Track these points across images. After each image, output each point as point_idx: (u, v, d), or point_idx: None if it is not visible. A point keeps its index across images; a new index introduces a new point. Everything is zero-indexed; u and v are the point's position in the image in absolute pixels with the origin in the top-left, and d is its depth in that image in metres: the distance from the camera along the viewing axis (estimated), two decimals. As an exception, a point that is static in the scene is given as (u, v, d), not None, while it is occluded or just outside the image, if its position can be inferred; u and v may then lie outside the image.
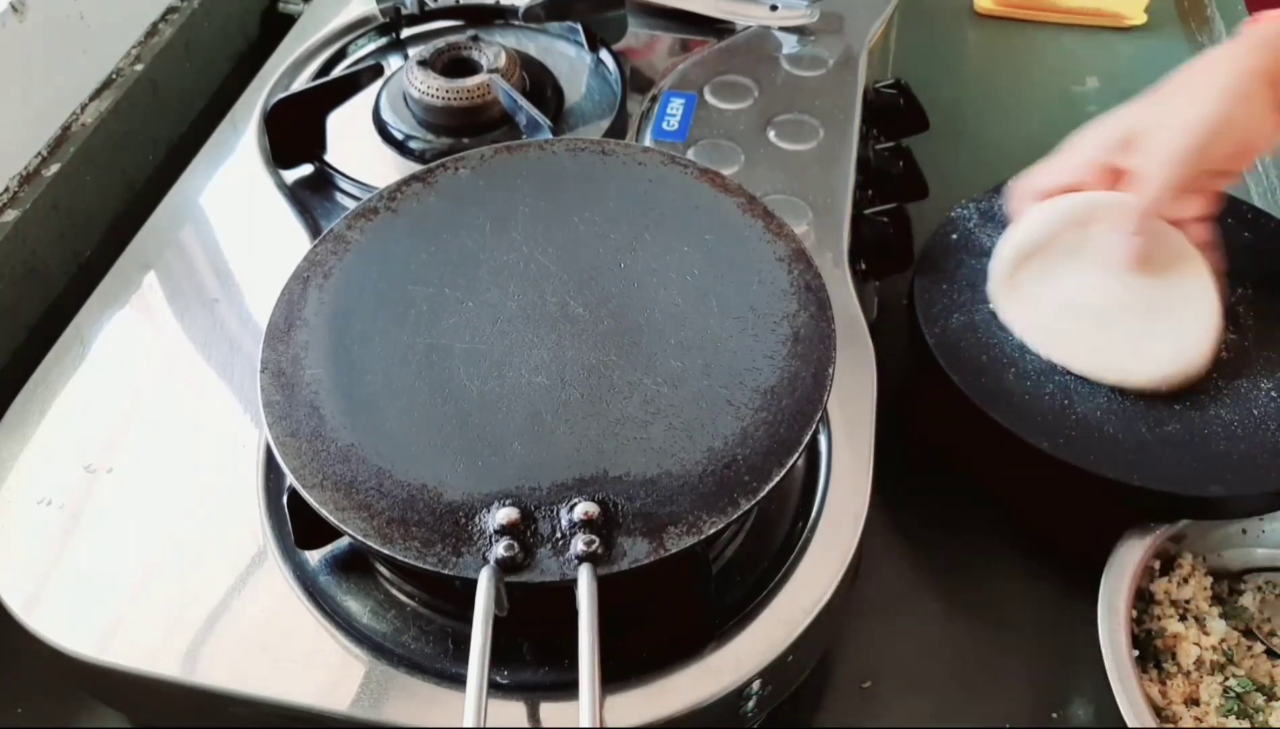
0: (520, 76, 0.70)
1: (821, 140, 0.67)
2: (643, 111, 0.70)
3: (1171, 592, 0.56)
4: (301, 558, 0.49)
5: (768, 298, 0.49)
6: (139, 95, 0.74)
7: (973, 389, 0.58)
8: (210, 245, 0.63)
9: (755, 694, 0.45)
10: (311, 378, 0.47)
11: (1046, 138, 0.88)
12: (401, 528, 0.42)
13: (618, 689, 0.43)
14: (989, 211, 0.68)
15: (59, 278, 0.67)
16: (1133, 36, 0.96)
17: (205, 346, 0.57)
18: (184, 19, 0.79)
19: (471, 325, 0.48)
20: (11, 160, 0.66)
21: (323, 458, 0.44)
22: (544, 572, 0.41)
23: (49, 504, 0.50)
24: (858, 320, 0.57)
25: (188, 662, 0.45)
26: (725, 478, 0.43)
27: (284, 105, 0.67)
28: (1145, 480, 0.54)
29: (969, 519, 0.62)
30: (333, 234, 0.52)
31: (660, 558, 0.41)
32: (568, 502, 0.42)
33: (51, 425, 0.54)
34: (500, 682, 0.44)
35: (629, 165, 0.55)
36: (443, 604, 0.47)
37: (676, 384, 0.46)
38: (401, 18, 0.78)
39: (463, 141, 0.68)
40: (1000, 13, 0.98)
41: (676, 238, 0.52)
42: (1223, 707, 0.51)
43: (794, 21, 0.75)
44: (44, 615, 0.47)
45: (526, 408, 0.45)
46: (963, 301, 0.63)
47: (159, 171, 0.76)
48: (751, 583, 0.48)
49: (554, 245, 0.52)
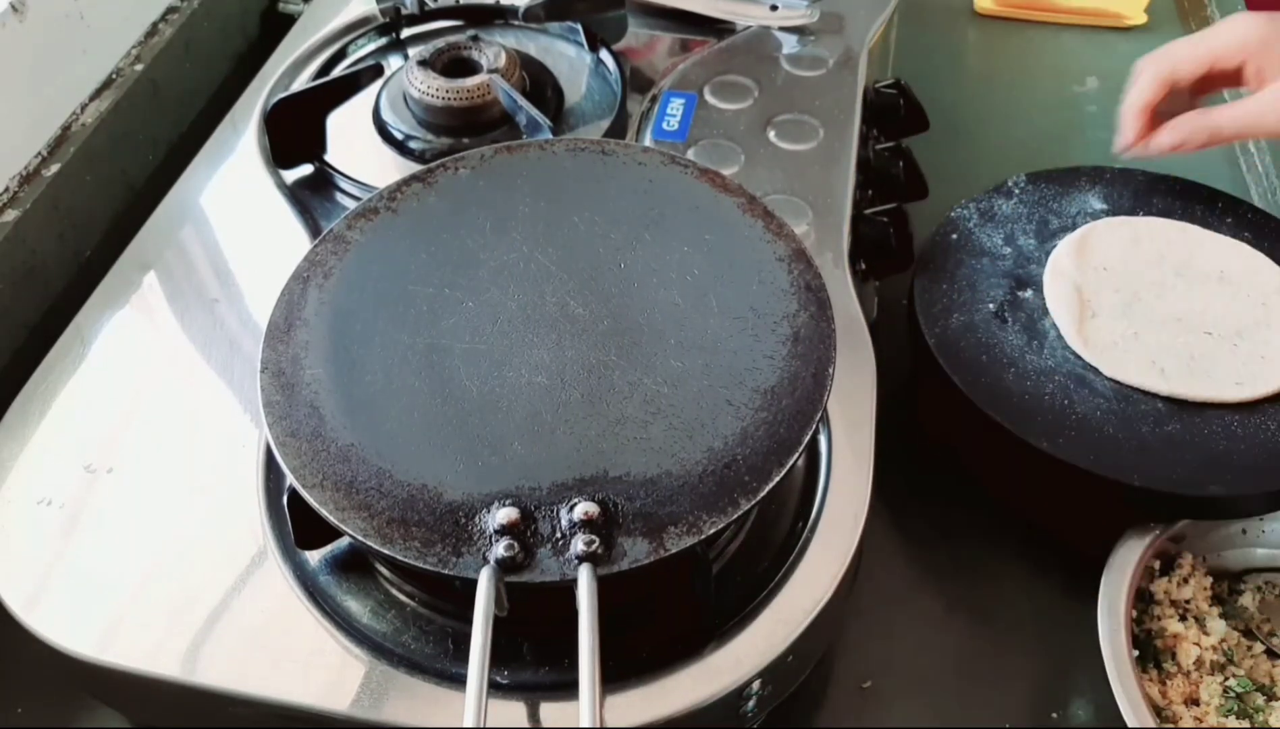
0: (520, 76, 0.70)
1: (821, 140, 0.67)
2: (643, 111, 0.70)
3: (1171, 592, 0.56)
4: (301, 558, 0.49)
5: (768, 298, 0.49)
6: (139, 95, 0.74)
7: (973, 389, 0.58)
8: (210, 245, 0.63)
9: (755, 694, 0.45)
10: (311, 378, 0.47)
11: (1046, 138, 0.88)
12: (401, 528, 0.42)
13: (618, 689, 0.43)
14: (989, 211, 0.68)
15: (59, 278, 0.67)
16: (1133, 36, 0.96)
17: (205, 347, 0.57)
18: (184, 19, 0.79)
19: (471, 325, 0.48)
20: (11, 160, 0.66)
21: (323, 458, 0.44)
22: (544, 572, 0.41)
23: (49, 504, 0.50)
24: (858, 320, 0.57)
25: (188, 662, 0.45)
26: (725, 478, 0.43)
27: (284, 105, 0.67)
28: (1145, 480, 0.54)
29: (969, 519, 0.62)
30: (333, 234, 0.52)
31: (660, 558, 0.41)
32: (568, 502, 0.42)
33: (51, 425, 0.54)
34: (500, 682, 0.44)
35: (629, 165, 0.55)
36: (443, 604, 0.47)
37: (676, 384, 0.46)
38: (401, 18, 0.78)
39: (463, 141, 0.68)
40: (1000, 13, 0.98)
41: (676, 238, 0.52)
42: (1223, 707, 0.51)
43: (794, 21, 0.75)
44: (44, 615, 0.47)
45: (526, 408, 0.45)
46: (963, 302, 0.63)
47: (159, 171, 0.76)
48: (751, 583, 0.48)
49: (554, 245, 0.51)
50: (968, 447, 0.62)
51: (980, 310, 0.62)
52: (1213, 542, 0.58)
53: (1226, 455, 0.55)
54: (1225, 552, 0.58)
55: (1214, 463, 0.55)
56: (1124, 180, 0.70)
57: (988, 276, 0.64)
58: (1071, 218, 0.67)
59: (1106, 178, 0.70)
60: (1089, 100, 0.90)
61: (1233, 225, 0.67)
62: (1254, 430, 0.56)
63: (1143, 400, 0.58)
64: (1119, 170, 0.70)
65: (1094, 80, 0.92)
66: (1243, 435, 0.56)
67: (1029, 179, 0.70)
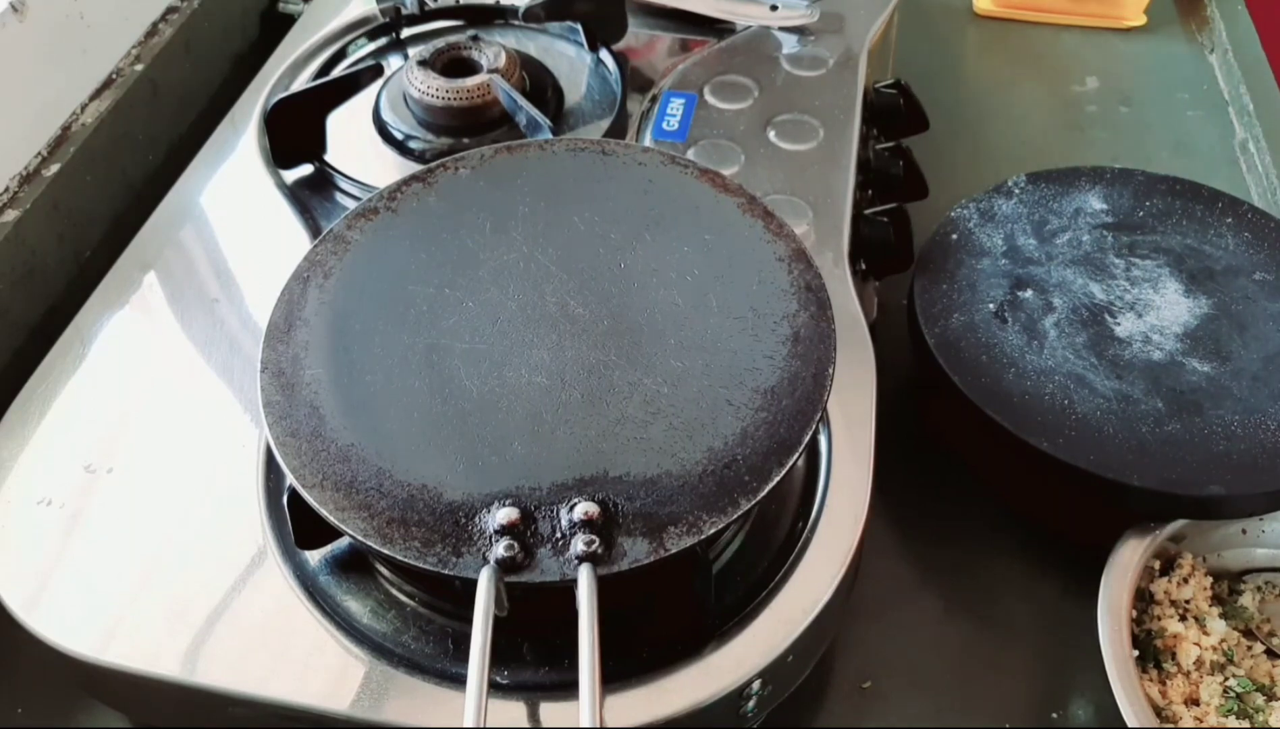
0: (520, 76, 0.70)
1: (821, 140, 0.67)
2: (643, 111, 0.70)
3: (1171, 592, 0.56)
4: (301, 558, 0.49)
5: (768, 298, 0.49)
6: (139, 95, 0.74)
7: (972, 389, 0.58)
8: (210, 245, 0.63)
9: (755, 694, 0.45)
10: (311, 378, 0.47)
11: (1046, 138, 0.89)
12: (401, 528, 0.42)
13: (618, 689, 0.43)
14: (989, 211, 0.68)
15: (59, 278, 0.67)
16: (1133, 36, 0.96)
17: (205, 347, 0.57)
18: (184, 19, 0.79)
19: (471, 325, 0.48)
20: (11, 160, 0.65)
21: (323, 458, 0.44)
22: (544, 572, 0.41)
23: (49, 504, 0.50)
24: (858, 320, 0.57)
25: (188, 662, 0.45)
26: (725, 478, 0.43)
27: (284, 105, 0.67)
28: (1145, 480, 0.54)
29: (969, 519, 0.62)
30: (333, 234, 0.52)
31: (660, 558, 0.41)
32: (568, 502, 0.42)
33: (51, 425, 0.54)
34: (500, 682, 0.44)
35: (629, 165, 0.55)
36: (443, 604, 0.47)
37: (676, 384, 0.46)
38: (401, 18, 0.78)
39: (463, 141, 0.68)
40: (1000, 13, 0.98)
41: (676, 238, 0.52)
42: (1223, 707, 0.51)
43: (794, 21, 0.75)
44: (44, 615, 0.47)
45: (526, 408, 0.45)
46: (963, 302, 0.63)
47: (159, 171, 0.76)
48: (751, 583, 0.48)
49: (554, 245, 0.51)
50: (968, 447, 0.62)
51: (980, 310, 0.62)
52: (1213, 542, 0.58)
53: (1226, 455, 0.55)
54: (1225, 552, 0.58)
55: (1214, 463, 0.55)
56: (1124, 180, 0.70)
57: (988, 277, 0.64)
58: (1071, 218, 0.67)
59: (1107, 178, 0.70)
60: (1089, 100, 0.90)
61: (1233, 225, 0.67)
62: (1254, 430, 0.56)
63: (1143, 400, 0.58)
64: (1119, 170, 0.70)
65: (1094, 80, 0.92)
66: (1243, 435, 0.56)
67: (1029, 179, 0.70)
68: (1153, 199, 0.69)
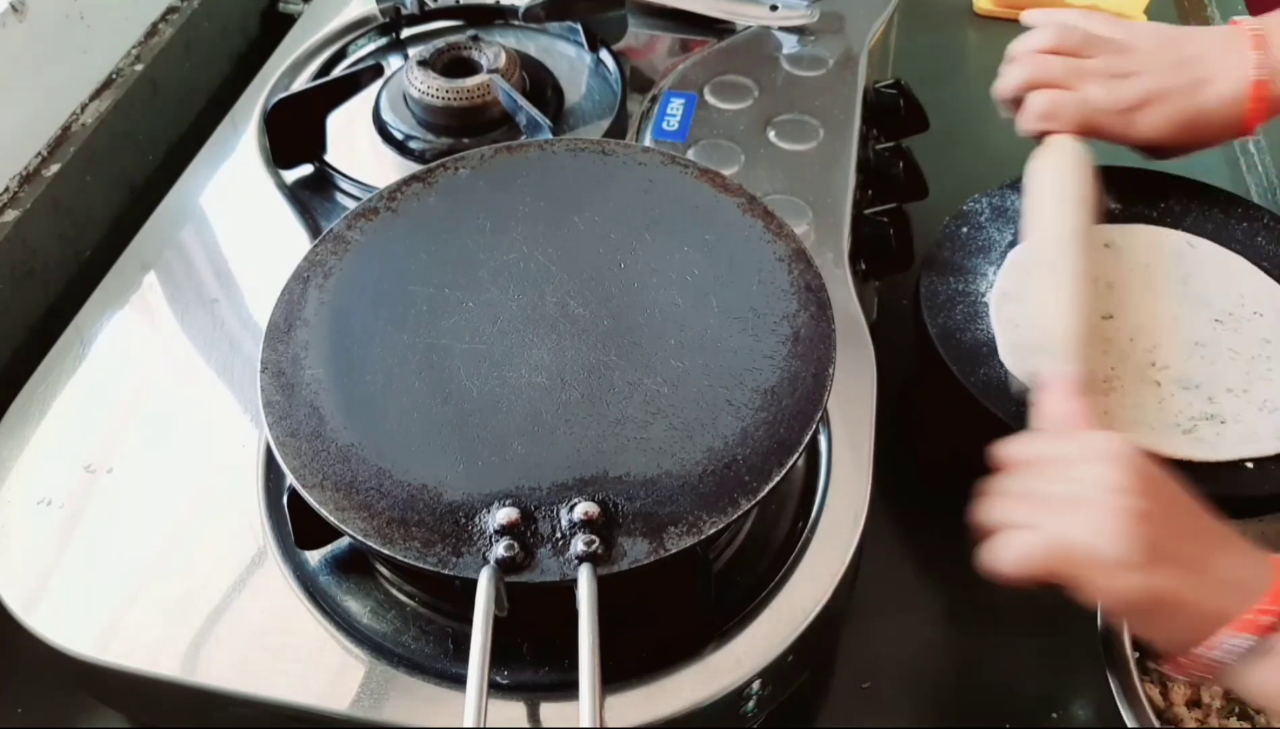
0: (520, 76, 0.70)
1: (821, 140, 0.67)
2: (643, 111, 0.70)
3: (1172, 592, 0.55)
4: (301, 558, 0.49)
5: (768, 298, 0.49)
6: (139, 95, 0.74)
7: (971, 381, 0.58)
8: (210, 245, 0.63)
9: (755, 694, 0.45)
10: (311, 378, 0.47)
11: (1046, 138, 0.87)
12: (401, 528, 0.42)
13: (618, 689, 0.43)
14: (1001, 206, 0.68)
15: (59, 278, 0.67)
16: (1133, 36, 0.96)
17: (205, 347, 0.57)
18: (184, 19, 0.79)
19: (471, 325, 0.48)
20: (11, 160, 0.65)
21: (323, 458, 0.44)
22: (544, 572, 0.41)
23: (49, 504, 0.50)
24: (858, 320, 0.57)
25: (188, 662, 0.45)
26: (725, 478, 0.43)
27: (284, 105, 0.67)
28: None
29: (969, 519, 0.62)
30: (333, 234, 0.52)
31: (660, 558, 0.41)
32: (568, 502, 0.42)
33: (51, 425, 0.54)
34: (500, 682, 0.44)
35: (629, 165, 0.55)
36: (443, 604, 0.47)
37: (676, 384, 0.46)
38: (401, 18, 0.78)
39: (463, 141, 0.68)
40: (1000, 13, 0.98)
41: (676, 238, 0.52)
42: (1224, 708, 0.51)
43: (794, 21, 0.75)
44: (44, 615, 0.47)
45: (526, 408, 0.45)
46: (967, 294, 0.63)
47: (159, 171, 0.76)
48: (751, 583, 0.48)
49: (554, 245, 0.51)
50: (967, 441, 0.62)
51: (984, 303, 0.62)
52: (1213, 542, 0.58)
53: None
54: (1226, 552, 0.58)
55: (1213, 462, 0.55)
56: (1124, 180, 0.70)
57: (995, 270, 0.64)
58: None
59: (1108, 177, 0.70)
60: (1089, 100, 0.89)
61: (1232, 225, 0.67)
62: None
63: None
64: (1120, 169, 0.70)
65: (1094, 80, 0.91)
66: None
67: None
68: (1152, 198, 0.69)
